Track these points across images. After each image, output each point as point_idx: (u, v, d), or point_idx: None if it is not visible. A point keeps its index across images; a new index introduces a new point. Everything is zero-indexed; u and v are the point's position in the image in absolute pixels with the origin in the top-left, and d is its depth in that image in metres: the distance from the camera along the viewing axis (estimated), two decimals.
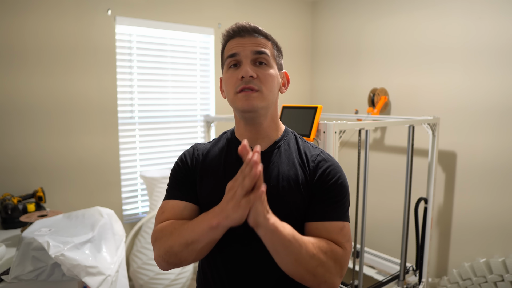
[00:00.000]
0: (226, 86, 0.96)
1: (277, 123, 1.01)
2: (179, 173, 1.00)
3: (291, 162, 0.95)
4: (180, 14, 2.74)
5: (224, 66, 0.98)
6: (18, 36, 2.17)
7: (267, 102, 0.93)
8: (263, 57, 0.93)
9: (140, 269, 2.51)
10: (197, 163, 1.00)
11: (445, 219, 2.57)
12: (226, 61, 0.95)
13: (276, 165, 0.94)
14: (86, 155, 2.46)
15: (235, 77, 0.92)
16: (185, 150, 1.06)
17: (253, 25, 0.96)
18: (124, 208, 2.70)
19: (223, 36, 0.98)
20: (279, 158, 0.96)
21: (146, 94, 2.72)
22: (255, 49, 0.92)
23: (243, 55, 0.92)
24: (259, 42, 0.94)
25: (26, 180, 2.26)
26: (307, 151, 0.98)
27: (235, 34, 0.95)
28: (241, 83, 0.90)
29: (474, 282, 2.27)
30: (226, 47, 0.98)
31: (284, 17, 3.30)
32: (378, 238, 2.94)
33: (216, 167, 0.97)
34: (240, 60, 0.93)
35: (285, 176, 0.92)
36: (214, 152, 1.01)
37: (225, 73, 0.96)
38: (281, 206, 0.89)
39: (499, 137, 2.26)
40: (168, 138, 2.86)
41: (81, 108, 2.41)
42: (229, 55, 0.94)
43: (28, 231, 1.50)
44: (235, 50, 0.93)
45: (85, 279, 1.41)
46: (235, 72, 0.92)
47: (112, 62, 2.51)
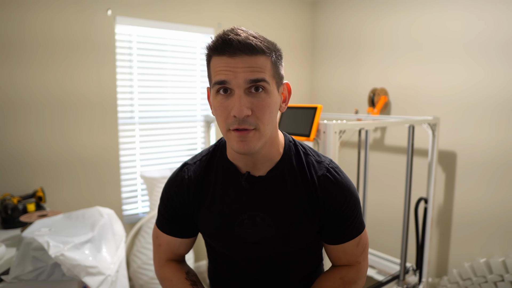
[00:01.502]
0: (216, 114, 0.80)
1: (277, 144, 0.87)
2: (171, 205, 0.93)
3: (297, 190, 0.86)
4: (180, 14, 2.74)
5: (211, 86, 0.81)
6: (15, 33, 2.17)
7: (265, 138, 0.79)
8: (260, 85, 0.75)
9: (140, 269, 2.51)
10: (189, 196, 0.91)
11: (445, 219, 2.57)
12: (214, 86, 0.77)
13: (281, 194, 0.86)
14: (87, 155, 2.46)
15: (227, 111, 0.76)
16: (174, 178, 0.93)
17: (246, 39, 0.74)
18: (124, 208, 2.70)
19: (208, 47, 0.78)
20: (283, 185, 0.86)
21: (146, 94, 2.72)
22: (250, 77, 0.74)
23: (234, 84, 0.74)
24: (255, 65, 0.74)
25: (26, 180, 2.26)
26: (313, 172, 0.87)
27: (222, 50, 0.74)
28: (234, 121, 0.75)
29: (474, 282, 2.27)
30: (212, 62, 0.78)
31: (284, 16, 3.30)
32: (378, 238, 2.94)
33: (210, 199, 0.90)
34: (231, 88, 0.75)
35: (291, 206, 0.86)
36: (207, 180, 0.90)
37: (214, 98, 0.79)
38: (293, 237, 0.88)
39: (499, 137, 2.26)
40: (168, 138, 2.86)
41: (81, 107, 2.41)
42: (216, 82, 0.76)
43: (28, 231, 1.50)
44: (224, 77, 0.74)
45: (85, 279, 1.41)
46: (226, 103, 0.76)
47: (112, 62, 2.51)
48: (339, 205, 0.86)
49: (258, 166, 0.86)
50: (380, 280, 2.21)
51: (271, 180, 0.86)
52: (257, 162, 0.85)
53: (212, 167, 0.91)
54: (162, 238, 0.96)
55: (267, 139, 0.81)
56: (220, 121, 0.79)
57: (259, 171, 0.87)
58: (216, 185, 0.90)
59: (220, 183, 0.89)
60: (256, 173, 0.87)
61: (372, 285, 2.13)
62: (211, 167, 0.91)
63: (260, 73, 0.75)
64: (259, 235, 0.87)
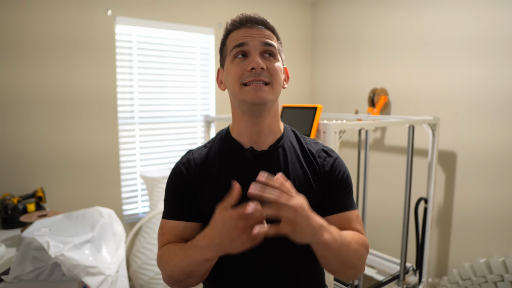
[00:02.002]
0: (230, 76, 0.89)
1: (278, 119, 0.97)
2: (175, 190, 0.94)
3: (298, 161, 0.94)
4: (180, 14, 2.74)
5: (227, 56, 0.91)
6: (16, 33, 2.17)
7: (276, 95, 0.90)
8: (272, 49, 0.89)
9: (140, 269, 2.51)
10: (195, 176, 0.93)
11: (445, 219, 2.57)
12: (232, 51, 0.89)
13: (284, 165, 0.92)
14: (87, 155, 2.46)
15: (242, 68, 0.86)
16: (179, 161, 0.97)
17: (262, 16, 0.92)
18: (124, 208, 2.70)
19: (228, 25, 0.92)
20: (285, 158, 0.93)
21: (146, 94, 2.72)
22: (265, 40, 0.88)
23: (252, 46, 0.87)
24: (268, 34, 0.90)
25: (26, 180, 2.26)
26: (310, 147, 0.97)
27: (241, 24, 0.90)
28: (250, 75, 0.85)
29: (474, 282, 2.27)
30: (230, 36, 0.91)
31: (284, 16, 3.30)
32: (378, 238, 2.94)
33: (215, 174, 0.92)
34: (248, 51, 0.87)
35: (296, 176, 0.91)
36: (212, 158, 0.94)
37: (229, 63, 0.90)
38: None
39: (499, 137, 2.26)
40: (168, 138, 2.86)
41: (81, 107, 2.41)
42: (236, 45, 0.88)
43: (28, 231, 1.51)
44: (242, 40, 0.88)
45: (85, 279, 1.41)
46: (242, 63, 0.87)
47: (112, 62, 2.51)
48: (336, 173, 0.94)
49: (261, 140, 0.92)
50: (380, 280, 2.21)
51: (274, 153, 0.92)
52: (261, 135, 0.92)
53: (216, 148, 0.96)
54: (166, 226, 0.93)
55: (275, 100, 0.91)
56: (234, 80, 0.87)
57: (262, 145, 0.93)
58: (221, 162, 0.93)
59: (225, 159, 0.93)
60: (259, 148, 0.93)
61: (372, 285, 2.13)
62: (215, 148, 0.96)
63: (272, 40, 0.90)
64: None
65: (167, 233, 0.93)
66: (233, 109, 0.96)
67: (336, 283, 2.09)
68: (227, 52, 0.92)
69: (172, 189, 0.95)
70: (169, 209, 0.94)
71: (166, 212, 0.95)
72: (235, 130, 0.95)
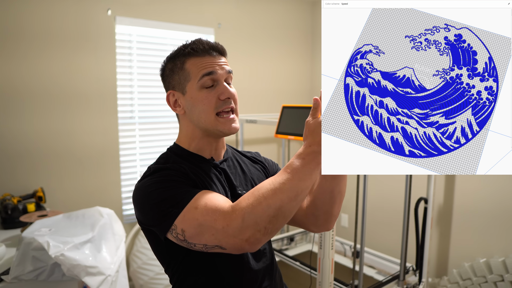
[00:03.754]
0: (201, 105, 0.89)
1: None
2: (181, 179, 0.84)
3: (249, 164, 1.05)
4: (180, 14, 2.74)
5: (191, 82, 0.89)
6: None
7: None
8: (231, 76, 0.94)
9: (140, 269, 2.51)
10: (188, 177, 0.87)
11: (445, 219, 2.57)
12: (202, 79, 0.88)
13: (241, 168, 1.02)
14: (87, 155, 2.46)
15: (214, 98, 0.89)
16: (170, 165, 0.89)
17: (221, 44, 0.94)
18: (124, 208, 2.70)
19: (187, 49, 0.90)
20: (239, 163, 1.03)
21: (146, 94, 2.72)
22: (228, 69, 0.92)
23: (219, 74, 0.90)
24: (226, 61, 0.94)
25: (26, 180, 2.26)
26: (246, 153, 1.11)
27: (205, 52, 0.90)
28: (222, 103, 0.89)
29: (474, 282, 2.27)
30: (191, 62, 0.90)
31: (284, 16, 3.30)
32: (378, 238, 2.94)
33: (201, 182, 0.88)
34: (217, 79, 0.90)
35: (255, 176, 1.03)
36: (188, 169, 0.88)
37: (198, 91, 0.89)
38: None
39: None
40: (168, 138, 2.86)
41: (81, 107, 2.41)
42: (206, 73, 0.88)
43: (28, 231, 1.51)
44: (211, 69, 0.89)
45: (85, 279, 1.41)
46: (213, 92, 0.89)
47: (112, 62, 2.51)
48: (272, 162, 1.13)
49: (218, 153, 0.99)
50: (380, 280, 2.21)
51: (231, 162, 1.02)
52: (218, 148, 0.98)
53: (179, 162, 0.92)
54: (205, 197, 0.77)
55: None
56: (208, 109, 0.89)
57: (219, 157, 0.99)
58: (198, 172, 0.89)
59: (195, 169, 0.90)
60: (217, 159, 0.99)
61: (372, 285, 2.13)
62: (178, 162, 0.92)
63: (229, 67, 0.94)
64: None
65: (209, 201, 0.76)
66: (191, 130, 0.94)
67: (336, 283, 2.09)
68: (188, 77, 0.90)
69: (179, 177, 0.84)
70: (189, 189, 0.81)
71: (188, 193, 0.79)
72: (192, 147, 0.96)
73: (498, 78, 0.73)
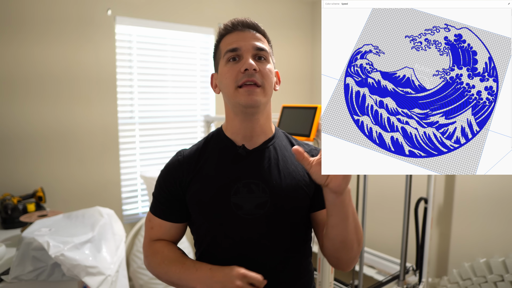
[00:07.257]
0: (224, 79, 0.91)
1: (270, 120, 1.00)
2: (165, 190, 0.96)
3: (290, 159, 0.96)
4: (180, 14, 2.74)
5: (221, 60, 0.94)
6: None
7: (268, 97, 0.93)
8: (264, 53, 0.91)
9: (140, 269, 2.51)
10: (184, 174, 0.95)
11: (445, 219, 2.57)
12: (225, 55, 0.91)
13: (275, 162, 0.94)
14: (86, 155, 2.46)
15: (236, 70, 0.89)
16: (170, 161, 0.99)
17: (253, 21, 0.94)
18: (124, 208, 2.70)
19: (220, 30, 0.95)
20: (276, 155, 0.96)
21: (146, 94, 2.72)
22: (257, 44, 0.90)
23: (244, 49, 0.90)
24: (260, 38, 0.93)
25: (26, 180, 2.26)
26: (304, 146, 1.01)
27: (234, 28, 0.93)
28: (243, 76, 0.88)
29: (474, 282, 2.27)
30: (223, 41, 0.94)
31: (284, 16, 3.30)
32: (378, 238, 2.94)
33: (206, 169, 0.94)
34: (241, 55, 0.90)
35: (286, 173, 0.94)
36: (203, 155, 0.97)
37: (223, 66, 0.92)
38: (288, 202, 0.91)
39: None
40: (168, 138, 2.86)
41: (81, 107, 2.41)
42: (229, 49, 0.90)
43: (28, 231, 1.51)
44: (235, 45, 0.90)
45: (85, 279, 1.41)
46: (236, 65, 0.89)
47: (112, 62, 2.51)
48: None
49: (254, 139, 0.95)
50: (380, 280, 2.21)
51: (265, 151, 0.95)
52: (254, 134, 0.94)
53: (208, 146, 0.98)
54: (154, 221, 0.98)
55: (268, 102, 0.94)
56: (229, 82, 0.89)
57: (254, 144, 0.95)
58: (212, 159, 0.95)
59: (217, 156, 0.95)
60: (251, 147, 0.95)
61: (372, 285, 2.13)
62: (207, 146, 0.99)
63: (263, 44, 0.92)
64: (254, 202, 0.89)
65: (155, 228, 0.98)
66: (226, 110, 0.98)
67: (336, 283, 2.09)
68: (220, 56, 0.94)
69: (162, 188, 0.97)
70: (157, 207, 0.98)
71: (154, 208, 0.99)
72: (228, 130, 0.97)
73: (498, 78, 0.73)
